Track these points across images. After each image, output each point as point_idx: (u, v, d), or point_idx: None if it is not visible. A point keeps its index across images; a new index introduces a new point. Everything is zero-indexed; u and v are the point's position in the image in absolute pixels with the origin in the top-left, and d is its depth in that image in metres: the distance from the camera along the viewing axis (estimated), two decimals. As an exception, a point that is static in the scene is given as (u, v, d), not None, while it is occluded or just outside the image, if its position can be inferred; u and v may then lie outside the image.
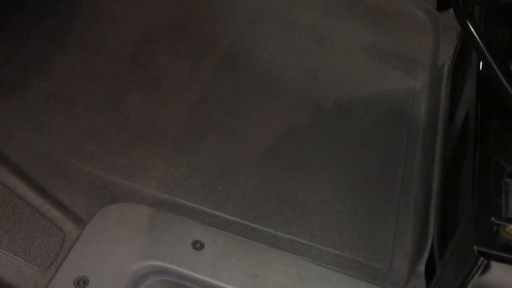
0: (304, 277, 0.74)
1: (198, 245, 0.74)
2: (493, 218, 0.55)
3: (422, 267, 0.75)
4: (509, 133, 0.64)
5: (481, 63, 0.71)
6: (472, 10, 0.73)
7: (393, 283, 0.76)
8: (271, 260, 0.75)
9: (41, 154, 0.80)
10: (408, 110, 0.97)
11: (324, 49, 1.04)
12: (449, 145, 0.82)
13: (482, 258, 0.54)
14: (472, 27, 0.63)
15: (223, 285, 0.71)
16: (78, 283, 0.66)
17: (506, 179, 0.59)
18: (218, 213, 0.78)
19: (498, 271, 0.55)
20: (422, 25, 1.12)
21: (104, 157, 0.81)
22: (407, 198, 0.85)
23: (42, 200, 0.72)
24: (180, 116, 0.89)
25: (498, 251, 0.54)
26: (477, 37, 0.63)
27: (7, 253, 0.65)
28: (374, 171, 0.87)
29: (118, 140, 0.84)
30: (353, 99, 0.97)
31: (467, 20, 0.63)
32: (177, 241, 0.74)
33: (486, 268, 0.55)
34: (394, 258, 0.78)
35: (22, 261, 0.66)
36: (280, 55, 1.02)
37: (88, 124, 0.85)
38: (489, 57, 0.62)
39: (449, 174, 0.78)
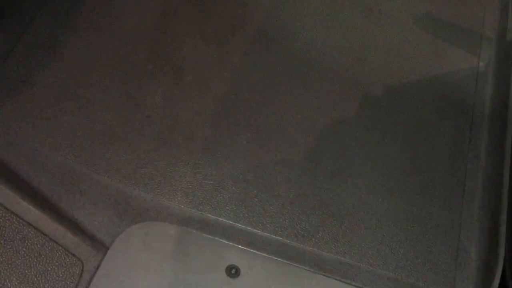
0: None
1: (233, 271, 0.65)
2: None
3: (492, 296, 0.65)
4: None
5: None
6: None
7: (456, 312, 0.66)
8: (316, 287, 0.66)
9: (53, 165, 0.71)
10: (471, 97, 0.83)
11: (371, 23, 0.89)
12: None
13: None
14: None
15: (263, 319, 0.63)
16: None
17: None
18: (254, 230, 0.69)
19: None
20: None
21: (124, 166, 0.72)
22: (471, 206, 0.73)
23: (56, 225, 0.63)
24: (207, 112, 0.78)
25: None
26: None
27: (19, 292, 0.57)
28: (431, 174, 0.76)
29: (138, 145, 0.74)
30: (406, 85, 0.84)
31: None
32: (209, 267, 0.65)
33: None
34: (457, 281, 0.68)
35: (37, 300, 0.58)
36: (320, 33, 0.88)
37: (104, 126, 0.75)
38: None
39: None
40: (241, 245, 0.68)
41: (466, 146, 0.79)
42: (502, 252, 0.67)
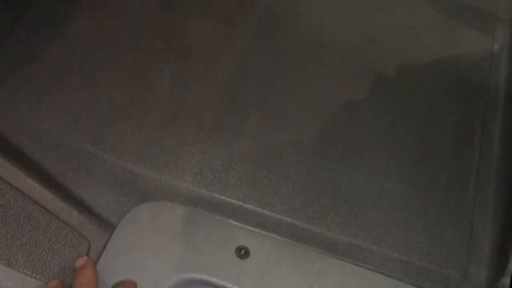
0: None
1: (242, 252, 0.64)
2: None
3: (506, 280, 0.64)
4: None
5: None
6: None
7: (469, 296, 0.65)
8: (327, 269, 0.64)
9: (57, 143, 0.69)
10: (485, 79, 0.82)
11: (384, 3, 0.87)
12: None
13: None
14: None
15: (274, 301, 0.61)
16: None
17: None
18: (264, 211, 0.67)
19: None
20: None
21: (131, 145, 0.70)
22: (484, 190, 0.72)
23: (62, 203, 0.61)
24: (216, 92, 0.76)
25: None
26: None
27: (24, 270, 0.56)
28: (445, 157, 0.74)
29: (145, 124, 0.72)
30: (419, 67, 0.82)
31: None
32: (218, 248, 0.64)
33: None
34: (470, 265, 0.66)
35: (43, 278, 0.57)
36: (331, 12, 0.86)
37: (110, 104, 0.73)
38: None
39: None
40: (251, 226, 0.67)
41: (480, 130, 0.77)
42: (517, 235, 0.66)
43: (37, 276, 0.56)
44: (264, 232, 0.66)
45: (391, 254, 0.66)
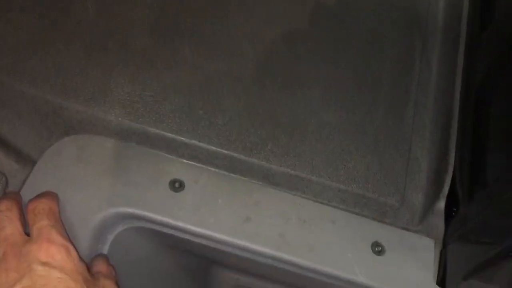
0: (305, 218, 0.62)
1: (177, 185, 0.61)
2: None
3: (441, 203, 0.65)
4: None
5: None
6: None
7: (405, 221, 0.65)
8: (265, 200, 0.63)
9: (-32, 74, 0.62)
10: (424, 9, 0.80)
11: None
12: (481, 55, 0.68)
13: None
14: None
15: (209, 233, 0.59)
16: (29, 242, 0.53)
17: None
18: (199, 143, 0.64)
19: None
20: None
21: (52, 75, 0.64)
22: (422, 119, 0.72)
23: (-26, 137, 0.56)
24: (145, 20, 0.70)
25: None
26: None
27: None
28: (383, 86, 0.73)
29: (68, 53, 0.66)
30: (360, -5, 0.79)
31: None
32: (151, 181, 0.60)
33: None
34: (407, 191, 0.67)
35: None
36: None
37: (27, 31, 0.66)
38: None
39: (479, 94, 0.65)
40: (186, 159, 0.64)
41: (418, 59, 0.76)
42: (452, 160, 0.66)
43: None
44: (199, 165, 0.64)
45: (330, 183, 0.66)
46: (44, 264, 0.46)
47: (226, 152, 0.64)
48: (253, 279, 0.83)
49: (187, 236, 0.59)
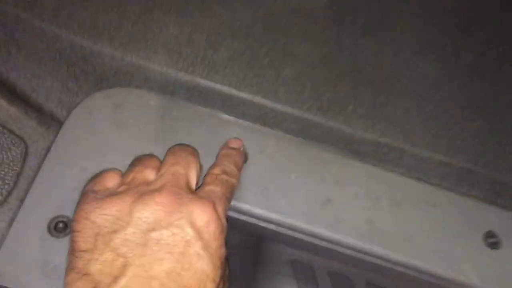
0: (398, 200, 0.49)
1: (238, 154, 0.48)
2: None
3: None
4: None
5: None
6: None
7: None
8: (347, 176, 0.49)
9: (-25, 7, 0.49)
10: None
11: None
12: None
13: None
14: None
15: (280, 218, 0.47)
16: (55, 227, 0.41)
17: None
18: (264, 101, 0.51)
19: None
20: None
21: (79, 11, 0.50)
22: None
23: (-18, 90, 0.43)
24: None
25: None
26: None
27: None
28: (495, 27, 0.57)
29: (99, -17, 0.52)
30: None
31: None
32: (204, 148, 0.47)
33: None
34: None
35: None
36: None
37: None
38: None
39: None
40: (248, 121, 0.50)
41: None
42: None
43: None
44: (265, 129, 0.50)
45: (428, 154, 0.51)
46: (195, 228, 0.36)
47: (297, 112, 0.51)
48: (314, 256, 0.71)
49: (251, 220, 0.47)
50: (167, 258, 0.34)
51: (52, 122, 0.46)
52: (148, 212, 0.36)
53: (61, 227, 0.41)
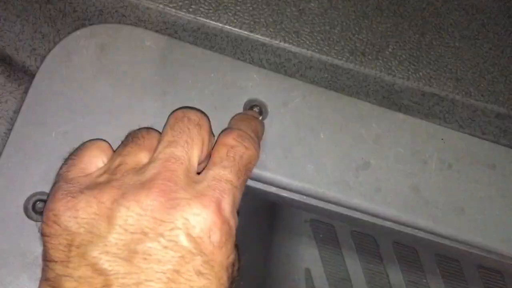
0: (450, 161, 0.41)
1: (256, 110, 0.39)
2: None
3: None
4: None
5: None
6: None
7: None
8: (388, 132, 0.41)
9: None
10: None
11: None
12: None
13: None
14: None
15: (309, 187, 0.38)
16: (34, 207, 0.33)
17: None
18: (284, 45, 0.41)
19: None
20: None
21: None
22: None
23: None
24: None
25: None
26: None
27: None
28: None
29: None
30: None
31: None
32: (214, 100, 0.39)
33: None
34: None
35: None
36: None
37: None
38: None
39: None
40: (266, 69, 0.41)
41: None
42: None
43: None
44: (288, 78, 0.41)
45: (484, 105, 0.43)
46: (193, 240, 0.28)
47: (325, 58, 0.41)
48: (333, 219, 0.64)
49: (271, 189, 0.39)
50: (157, 278, 0.26)
51: (25, 76, 0.37)
52: (132, 218, 0.27)
53: (41, 206, 0.33)
